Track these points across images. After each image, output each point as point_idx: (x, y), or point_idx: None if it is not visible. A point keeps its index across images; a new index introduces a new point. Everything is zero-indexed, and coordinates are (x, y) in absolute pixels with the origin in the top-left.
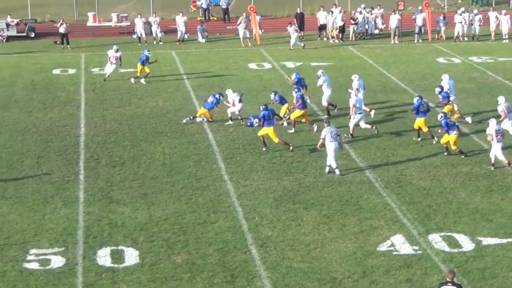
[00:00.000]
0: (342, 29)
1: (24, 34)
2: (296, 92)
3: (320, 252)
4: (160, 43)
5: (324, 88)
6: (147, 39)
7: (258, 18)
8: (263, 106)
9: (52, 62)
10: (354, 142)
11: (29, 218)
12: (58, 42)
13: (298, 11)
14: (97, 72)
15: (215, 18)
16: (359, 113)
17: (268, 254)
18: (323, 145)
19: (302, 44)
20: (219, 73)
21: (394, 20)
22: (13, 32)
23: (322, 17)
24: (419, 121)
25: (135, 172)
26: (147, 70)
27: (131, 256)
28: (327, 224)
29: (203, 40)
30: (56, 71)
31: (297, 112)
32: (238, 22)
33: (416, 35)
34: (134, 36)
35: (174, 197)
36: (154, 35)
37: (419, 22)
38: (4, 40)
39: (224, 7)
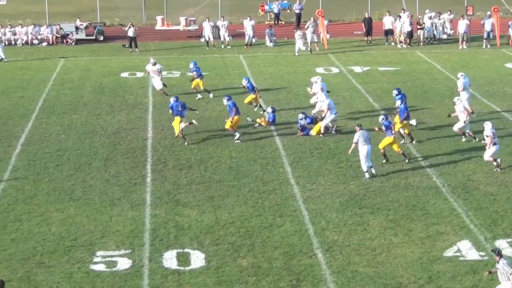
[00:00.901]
0: (410, 34)
1: (93, 37)
2: (227, 100)
3: (386, 257)
4: (228, 47)
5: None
6: (215, 43)
7: (325, 22)
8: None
9: (120, 65)
10: (421, 147)
11: (96, 220)
12: (126, 46)
13: (366, 16)
14: (164, 75)
15: (283, 22)
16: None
17: (334, 258)
18: (355, 149)
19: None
20: (286, 77)
21: (462, 25)
22: (82, 35)
23: (388, 22)
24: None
25: (202, 175)
26: (199, 82)
27: (197, 259)
28: (393, 229)
29: (271, 44)
30: (124, 74)
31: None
32: (306, 26)
33: (484, 40)
34: (202, 40)
35: (241, 200)
36: (222, 39)
37: (487, 27)
38: (73, 43)
39: (297, 11)
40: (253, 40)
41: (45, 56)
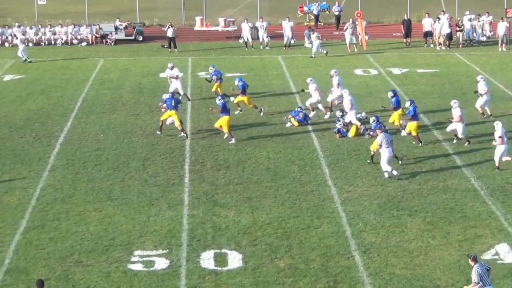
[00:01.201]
0: (450, 36)
1: (132, 37)
2: (219, 100)
3: (423, 260)
4: (267, 48)
5: (313, 93)
6: (253, 44)
7: (364, 23)
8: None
9: (159, 66)
10: (459, 149)
11: (134, 219)
12: (165, 46)
13: (405, 17)
14: (203, 76)
15: (322, 24)
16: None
17: (371, 260)
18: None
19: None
20: (325, 79)
21: (502, 27)
22: (121, 36)
23: (427, 24)
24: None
25: (240, 176)
26: (218, 86)
27: (234, 260)
28: (431, 231)
29: (310, 45)
30: (163, 75)
31: (224, 119)
32: (345, 27)
33: None
34: (241, 41)
35: (278, 201)
36: (260, 40)
37: None
38: (112, 43)
39: (336, 13)
40: (292, 41)
41: (84, 56)
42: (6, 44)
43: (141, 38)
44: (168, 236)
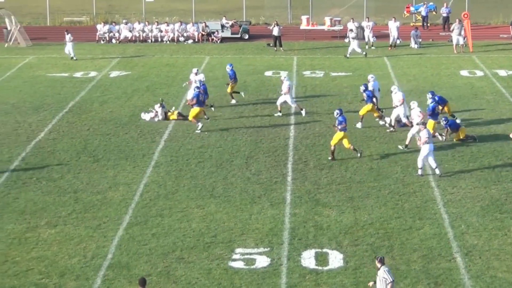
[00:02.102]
0: None
1: (238, 35)
2: (194, 90)
3: None
4: (373, 47)
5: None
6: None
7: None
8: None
9: (265, 64)
10: None
11: (236, 217)
12: (271, 44)
13: None
14: (308, 75)
15: (428, 25)
16: None
17: (473, 263)
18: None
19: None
20: (430, 79)
21: None
22: (227, 34)
23: None
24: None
25: (342, 176)
26: (232, 86)
27: (335, 259)
28: None
29: (416, 46)
30: (268, 73)
31: (195, 110)
32: (452, 28)
33: None
34: (346, 41)
35: (380, 201)
36: (366, 39)
37: None
38: (218, 41)
39: (444, 15)
40: (398, 42)
41: (190, 54)
42: (113, 41)
43: (247, 37)
44: (269, 234)
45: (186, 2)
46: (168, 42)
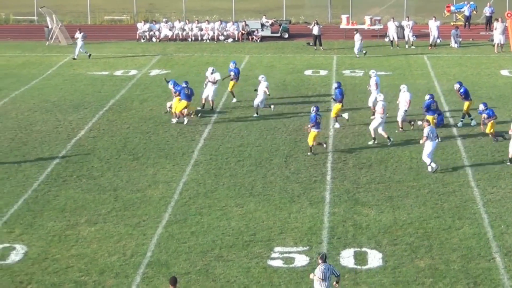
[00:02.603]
0: None
1: (278, 34)
2: (174, 86)
3: None
4: (412, 47)
5: (261, 91)
6: (399, 43)
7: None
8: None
9: (304, 63)
10: None
11: (275, 216)
12: (310, 43)
13: None
14: (348, 74)
15: (470, 24)
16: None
17: None
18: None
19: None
20: (470, 79)
21: None
22: (267, 33)
23: None
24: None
25: (382, 175)
26: (233, 84)
27: (374, 259)
28: None
29: (456, 45)
30: (308, 72)
31: (182, 104)
32: (494, 27)
33: None
34: (386, 40)
35: (420, 201)
36: (406, 39)
37: None
38: (258, 40)
39: (487, 14)
40: (438, 41)
41: (230, 52)
42: (154, 40)
43: (286, 36)
44: (308, 233)
45: (226, 1)
46: (208, 41)
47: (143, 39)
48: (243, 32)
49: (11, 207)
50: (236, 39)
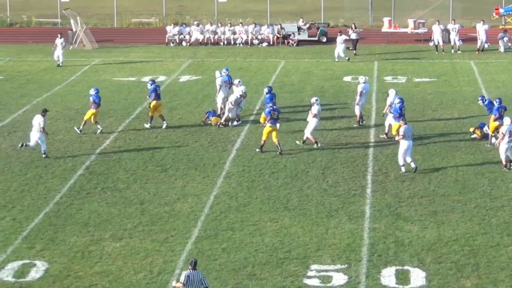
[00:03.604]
0: None
1: (316, 38)
2: (151, 85)
3: None
4: (458, 52)
5: (223, 90)
6: (444, 47)
7: None
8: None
9: (343, 69)
10: None
11: (311, 231)
12: (350, 48)
13: None
14: (390, 80)
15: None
16: None
17: None
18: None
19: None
20: None
21: None
22: (304, 36)
23: None
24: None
25: (425, 188)
26: None
27: (417, 277)
28: None
29: (506, 50)
30: (347, 78)
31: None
32: None
33: None
34: (431, 44)
35: (466, 216)
36: (452, 43)
37: None
38: (294, 44)
39: None
40: (486, 46)
41: (264, 57)
42: (184, 44)
43: (325, 39)
44: (347, 250)
45: (261, 3)
46: (241, 45)
47: (173, 43)
48: (279, 35)
49: (32, 221)
50: (271, 43)
